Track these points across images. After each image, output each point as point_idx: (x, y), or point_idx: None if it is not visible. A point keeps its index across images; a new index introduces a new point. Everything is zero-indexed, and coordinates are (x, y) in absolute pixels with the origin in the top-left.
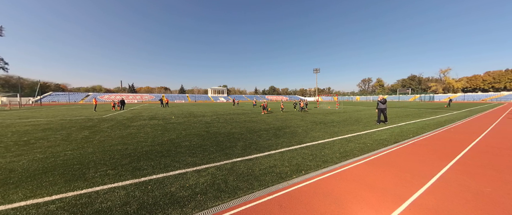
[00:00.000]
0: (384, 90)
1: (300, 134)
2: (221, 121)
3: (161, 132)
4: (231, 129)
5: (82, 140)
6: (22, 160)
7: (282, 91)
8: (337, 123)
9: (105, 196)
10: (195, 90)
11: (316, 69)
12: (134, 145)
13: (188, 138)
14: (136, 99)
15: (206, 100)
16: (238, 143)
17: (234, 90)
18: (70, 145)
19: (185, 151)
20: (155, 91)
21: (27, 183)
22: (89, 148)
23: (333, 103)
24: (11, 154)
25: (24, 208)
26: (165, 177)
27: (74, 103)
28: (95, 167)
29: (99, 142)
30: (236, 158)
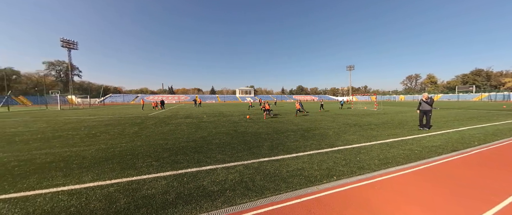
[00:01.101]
0: (437, 87)
1: (331, 136)
2: (248, 121)
3: (195, 130)
4: (258, 129)
5: (133, 135)
6: (91, 149)
7: (310, 90)
8: (375, 125)
9: (150, 184)
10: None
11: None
12: (172, 141)
13: (218, 136)
14: (174, 99)
15: (234, 100)
16: (265, 143)
17: (261, 90)
18: (124, 139)
19: (215, 148)
20: (190, 92)
21: (94, 168)
22: (138, 142)
23: (371, 103)
24: (84, 144)
25: (92, 188)
26: (198, 171)
27: (127, 103)
28: (143, 158)
29: (146, 136)
30: (263, 158)
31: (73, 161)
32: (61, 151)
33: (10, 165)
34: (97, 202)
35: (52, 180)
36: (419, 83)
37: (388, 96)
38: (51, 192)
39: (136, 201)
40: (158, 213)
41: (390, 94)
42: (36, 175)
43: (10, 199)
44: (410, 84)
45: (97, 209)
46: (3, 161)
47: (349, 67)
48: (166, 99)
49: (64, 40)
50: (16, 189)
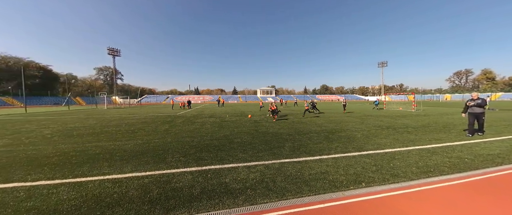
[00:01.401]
0: (495, 85)
1: (359, 139)
2: (269, 121)
3: (218, 128)
4: (279, 129)
5: (164, 132)
6: (130, 143)
7: (336, 90)
8: (413, 128)
9: (178, 177)
10: (246, 91)
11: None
12: (198, 138)
13: (239, 136)
14: (200, 99)
15: (256, 100)
16: (286, 144)
17: (282, 90)
18: (157, 135)
19: (237, 147)
20: (214, 93)
21: (133, 160)
22: (168, 138)
23: (407, 104)
24: (124, 139)
25: (131, 178)
26: (221, 169)
27: (159, 103)
28: (172, 153)
29: (175, 134)
30: (284, 158)
31: (116, 153)
32: (106, 144)
33: (69, 155)
34: (134, 191)
35: (100, 169)
36: (470, 80)
37: (429, 95)
38: (99, 180)
39: (166, 193)
40: (185, 205)
41: (433, 93)
42: (88, 164)
43: (69, 183)
44: (458, 81)
45: (134, 197)
46: (64, 152)
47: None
48: (192, 99)
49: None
50: (73, 175)
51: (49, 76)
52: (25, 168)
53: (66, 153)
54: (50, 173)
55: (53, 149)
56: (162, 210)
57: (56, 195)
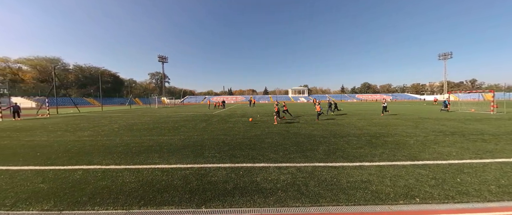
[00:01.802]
0: None
1: (411, 146)
2: (302, 122)
3: (250, 128)
4: (312, 130)
5: (202, 129)
6: (175, 138)
7: (380, 88)
8: (492, 136)
9: (214, 172)
10: (277, 91)
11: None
12: (231, 137)
13: (270, 136)
14: (233, 100)
15: (287, 101)
16: (320, 147)
17: (315, 89)
18: (196, 132)
19: (268, 147)
20: (245, 93)
21: (177, 153)
22: (205, 135)
23: (483, 104)
24: (170, 134)
25: (175, 169)
26: (252, 167)
27: (198, 103)
28: (209, 149)
29: (211, 131)
30: (318, 162)
31: (164, 146)
32: (157, 138)
33: (130, 146)
34: (178, 180)
35: (152, 159)
36: None
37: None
38: (151, 168)
39: (204, 185)
40: (219, 198)
41: None
42: (144, 154)
43: (130, 169)
44: None
45: (178, 186)
46: (127, 143)
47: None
48: (226, 99)
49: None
50: (133, 163)
51: (117, 81)
52: (101, 154)
53: (128, 144)
54: (117, 159)
55: (119, 140)
56: (200, 200)
57: (121, 178)
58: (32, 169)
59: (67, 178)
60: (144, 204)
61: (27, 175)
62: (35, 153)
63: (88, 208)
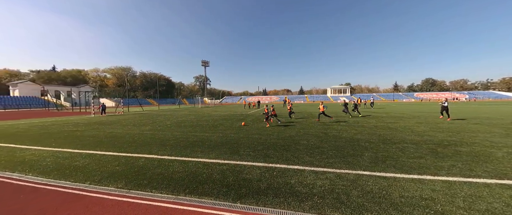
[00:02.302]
0: None
1: (499, 160)
2: (342, 124)
3: (284, 128)
4: (355, 134)
5: (238, 128)
6: (214, 135)
7: (451, 84)
8: None
9: (248, 170)
10: (314, 90)
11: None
12: (265, 137)
13: (305, 138)
14: (267, 100)
15: (325, 101)
16: (365, 153)
17: (360, 88)
18: (232, 130)
19: (303, 149)
20: (280, 93)
21: (216, 149)
22: (241, 134)
23: None
24: (210, 131)
25: (214, 163)
26: (286, 169)
27: (234, 103)
28: (243, 147)
29: (246, 130)
30: (362, 170)
31: (205, 142)
32: (200, 134)
33: (179, 140)
34: (216, 175)
35: (195, 153)
36: None
37: None
38: (195, 161)
39: (239, 181)
40: (253, 196)
41: None
42: (189, 148)
43: (178, 160)
44: None
45: (216, 180)
46: (177, 137)
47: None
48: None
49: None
50: (181, 155)
51: (170, 84)
52: (157, 146)
53: (177, 138)
54: (169, 151)
55: (171, 134)
56: (235, 196)
57: (172, 167)
58: (111, 155)
59: (133, 164)
60: (189, 192)
61: (108, 159)
62: (113, 142)
63: (148, 190)
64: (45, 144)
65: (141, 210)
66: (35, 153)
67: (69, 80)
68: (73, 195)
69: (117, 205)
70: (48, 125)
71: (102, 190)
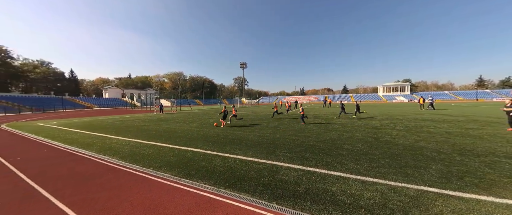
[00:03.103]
0: None
1: None
2: (399, 128)
3: (324, 130)
4: (416, 141)
5: (274, 128)
6: (251, 135)
7: None
8: None
9: (285, 171)
10: (360, 89)
11: None
12: (302, 138)
13: (350, 142)
14: (305, 100)
15: (376, 100)
16: (432, 165)
17: (425, 85)
18: (269, 130)
19: (347, 155)
20: (319, 93)
21: (253, 148)
22: (277, 134)
23: None
24: (248, 130)
25: (251, 162)
26: (327, 175)
27: (271, 103)
28: (280, 148)
29: (282, 131)
30: (427, 186)
31: (243, 140)
32: (238, 133)
33: (220, 137)
34: (253, 173)
35: (234, 151)
36: None
37: None
38: (234, 158)
39: (275, 182)
40: (290, 199)
41: None
42: (228, 145)
43: (219, 156)
44: None
45: (253, 177)
46: (218, 134)
47: None
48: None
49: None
50: (221, 151)
51: (213, 86)
52: (202, 141)
53: (218, 135)
54: (212, 146)
55: (213, 132)
56: (271, 196)
57: (214, 161)
58: (168, 146)
59: (184, 156)
60: (228, 186)
61: (165, 150)
62: (169, 136)
63: (195, 180)
64: (124, 135)
65: (189, 197)
66: (117, 142)
67: (139, 85)
68: (141, 177)
69: (172, 189)
70: (125, 120)
71: (161, 175)
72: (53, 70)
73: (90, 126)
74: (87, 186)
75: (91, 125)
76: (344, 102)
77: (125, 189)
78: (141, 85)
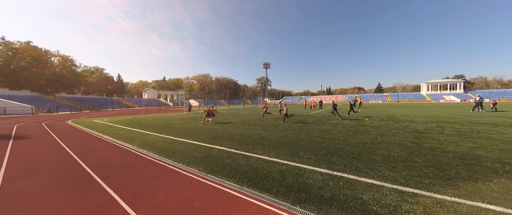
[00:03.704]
0: None
1: None
2: (448, 133)
3: (353, 133)
4: (472, 148)
5: (297, 129)
6: (274, 135)
7: None
8: None
9: (309, 174)
10: (398, 87)
11: None
12: (328, 140)
13: (385, 146)
14: (331, 99)
15: (418, 100)
16: (493, 178)
17: (484, 81)
18: (292, 131)
19: (381, 160)
20: (348, 92)
21: (275, 148)
22: (301, 135)
23: None
24: (270, 130)
25: (273, 162)
26: (356, 181)
27: (294, 103)
28: (304, 150)
29: (306, 132)
30: (486, 203)
31: (265, 140)
32: (260, 133)
33: (243, 136)
34: (275, 173)
35: (257, 150)
36: None
37: None
38: (256, 157)
39: (298, 184)
40: (315, 204)
41: None
42: (251, 145)
43: (243, 155)
44: None
45: (275, 178)
46: (241, 134)
47: None
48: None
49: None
50: (245, 150)
51: (236, 86)
52: (226, 140)
53: (242, 135)
54: (236, 145)
55: (237, 131)
56: (295, 198)
57: (237, 160)
58: (195, 143)
59: (209, 153)
60: (251, 185)
61: (193, 147)
62: (197, 134)
63: (219, 176)
64: (159, 131)
65: (214, 192)
66: (153, 137)
67: (172, 86)
68: (173, 170)
69: (199, 184)
70: (160, 118)
71: (190, 170)
72: (105, 75)
73: (132, 123)
74: (130, 175)
75: (133, 122)
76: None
77: (160, 180)
78: (173, 87)
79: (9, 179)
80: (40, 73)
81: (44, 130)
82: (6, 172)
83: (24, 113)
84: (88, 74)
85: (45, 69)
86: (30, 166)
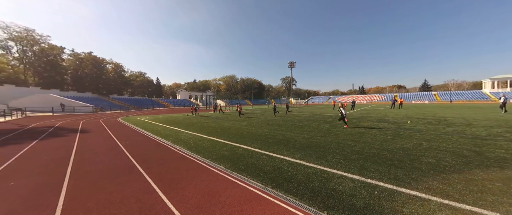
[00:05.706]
0: None
1: None
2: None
3: (392, 137)
4: None
5: (325, 131)
6: (299, 136)
7: None
8: None
9: (338, 179)
10: (451, 84)
11: None
12: (361, 144)
13: (432, 154)
14: (365, 99)
15: (477, 100)
16: None
17: None
18: (319, 133)
19: (427, 169)
20: (386, 91)
21: (301, 150)
22: (329, 138)
23: None
24: (296, 132)
25: (299, 164)
26: (395, 191)
27: (321, 103)
28: (332, 153)
29: (335, 134)
30: None
31: (290, 142)
32: (285, 133)
33: (267, 137)
34: (301, 176)
35: (281, 151)
36: None
37: None
38: (280, 158)
39: (326, 190)
40: (344, 212)
41: None
42: (275, 145)
43: (267, 155)
44: None
45: (301, 181)
46: (265, 134)
47: None
48: (356, 99)
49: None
50: (269, 150)
51: (261, 87)
52: (251, 140)
53: (266, 135)
54: (260, 145)
55: (261, 131)
56: (321, 204)
57: (261, 160)
58: (222, 142)
59: (235, 151)
60: (275, 186)
61: (220, 145)
62: (223, 133)
63: (244, 175)
64: (190, 129)
65: (239, 190)
66: (185, 135)
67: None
68: (201, 166)
69: (224, 180)
70: (191, 117)
71: (216, 167)
72: (146, 79)
73: (168, 121)
74: (167, 168)
75: (168, 120)
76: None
77: (191, 174)
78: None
79: (77, 166)
80: (98, 78)
81: (101, 125)
82: (75, 159)
83: (87, 111)
84: (134, 78)
85: (102, 75)
86: (91, 155)
